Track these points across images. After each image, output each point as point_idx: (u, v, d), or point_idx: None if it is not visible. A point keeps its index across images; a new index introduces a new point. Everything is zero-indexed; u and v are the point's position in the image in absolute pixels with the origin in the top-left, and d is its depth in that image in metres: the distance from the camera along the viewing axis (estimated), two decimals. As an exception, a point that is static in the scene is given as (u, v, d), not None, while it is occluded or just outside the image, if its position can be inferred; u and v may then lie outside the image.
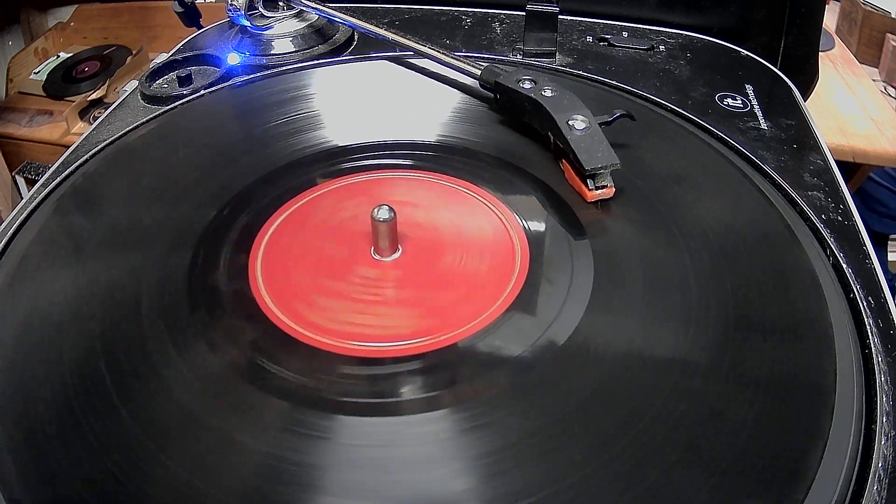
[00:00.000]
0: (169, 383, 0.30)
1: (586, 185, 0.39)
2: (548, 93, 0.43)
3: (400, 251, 0.37)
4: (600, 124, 0.41)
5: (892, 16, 1.21)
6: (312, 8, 0.57)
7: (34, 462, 0.28)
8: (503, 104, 0.46)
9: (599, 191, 0.39)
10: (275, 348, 0.32)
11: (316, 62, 0.55)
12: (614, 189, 0.39)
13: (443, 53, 0.50)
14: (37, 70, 1.27)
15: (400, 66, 0.54)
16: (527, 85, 0.44)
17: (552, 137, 0.42)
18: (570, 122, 0.41)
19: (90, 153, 0.45)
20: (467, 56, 0.51)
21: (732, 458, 0.27)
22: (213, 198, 0.41)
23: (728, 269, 0.35)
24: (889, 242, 1.15)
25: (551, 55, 0.56)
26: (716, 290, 0.34)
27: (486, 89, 0.48)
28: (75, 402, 0.30)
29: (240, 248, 0.38)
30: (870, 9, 1.23)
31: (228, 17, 0.57)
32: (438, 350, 0.32)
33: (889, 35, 1.19)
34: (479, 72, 0.48)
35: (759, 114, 0.50)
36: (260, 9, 0.57)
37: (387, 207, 0.35)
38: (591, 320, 0.33)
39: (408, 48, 0.52)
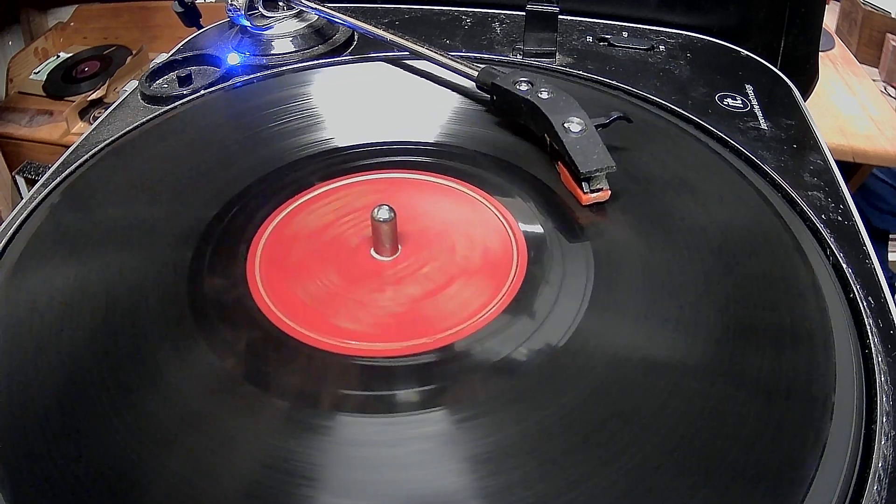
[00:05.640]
0: (168, 383, 0.30)
1: (581, 188, 0.39)
2: (544, 95, 0.43)
3: (400, 251, 0.37)
4: (597, 127, 0.41)
5: (892, 16, 1.21)
6: (312, 8, 0.57)
7: (33, 462, 0.28)
8: (500, 106, 0.46)
9: (595, 194, 0.39)
10: (274, 348, 0.32)
11: (316, 62, 0.55)
12: (610, 192, 0.39)
13: (441, 55, 0.50)
14: (37, 70, 1.27)
15: (399, 67, 0.54)
16: (523, 87, 0.44)
17: (548, 140, 0.42)
18: (565, 125, 0.41)
19: (90, 153, 0.45)
20: (467, 56, 0.51)
21: (732, 458, 0.27)
22: (213, 198, 0.41)
23: (727, 269, 0.35)
24: (889, 242, 1.15)
25: (551, 55, 0.56)
26: (715, 291, 0.34)
27: (483, 91, 0.48)
28: (75, 402, 0.30)
29: (239, 247, 0.38)
30: (870, 9, 1.23)
31: (228, 17, 0.57)
32: (437, 350, 0.32)
33: (889, 35, 1.19)
34: (476, 73, 0.48)
35: (759, 114, 0.50)
36: (260, 9, 0.57)
37: (387, 207, 0.35)
38: (590, 321, 0.33)
39: (406, 49, 0.52)
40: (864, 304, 0.34)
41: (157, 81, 0.55)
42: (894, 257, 1.14)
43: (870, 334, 0.32)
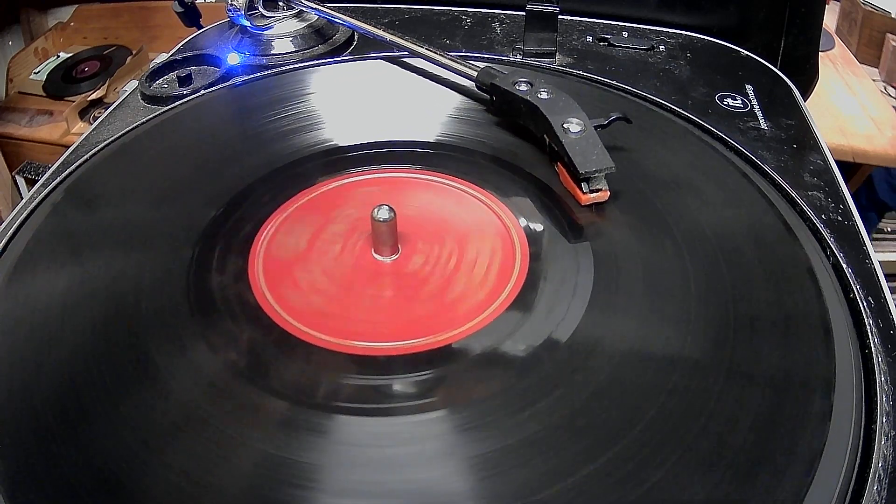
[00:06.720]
0: (168, 383, 0.30)
1: (581, 189, 0.39)
2: (544, 95, 0.43)
3: (400, 251, 0.37)
4: (596, 127, 0.41)
5: (892, 16, 1.21)
6: (312, 8, 0.57)
7: (34, 462, 0.28)
8: (499, 106, 0.46)
9: (594, 194, 0.39)
10: (274, 348, 0.32)
11: (316, 62, 0.55)
12: (609, 192, 0.39)
13: (440, 55, 0.50)
14: (37, 70, 1.27)
15: (399, 67, 0.54)
16: (523, 87, 0.44)
17: (548, 140, 0.42)
18: (565, 126, 0.41)
19: (90, 153, 0.45)
20: (467, 56, 0.51)
21: (732, 458, 0.27)
22: (213, 198, 0.41)
23: (728, 268, 0.35)
24: (885, 241, 1.15)
25: (551, 55, 0.56)
26: (716, 290, 0.34)
27: (482, 91, 0.48)
28: (75, 402, 0.30)
29: (240, 247, 0.38)
30: (870, 9, 1.22)
31: (228, 17, 0.57)
32: (438, 350, 0.32)
33: (889, 35, 1.19)
34: (476, 73, 0.47)
35: (759, 114, 0.50)
36: (260, 9, 0.57)
37: (387, 207, 0.35)
38: (590, 320, 0.33)
39: (406, 49, 0.52)
40: (864, 304, 0.34)
41: (157, 81, 0.55)
42: (886, 257, 1.14)
43: (870, 334, 0.32)
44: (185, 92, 0.52)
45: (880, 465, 0.27)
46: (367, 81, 0.53)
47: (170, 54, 0.60)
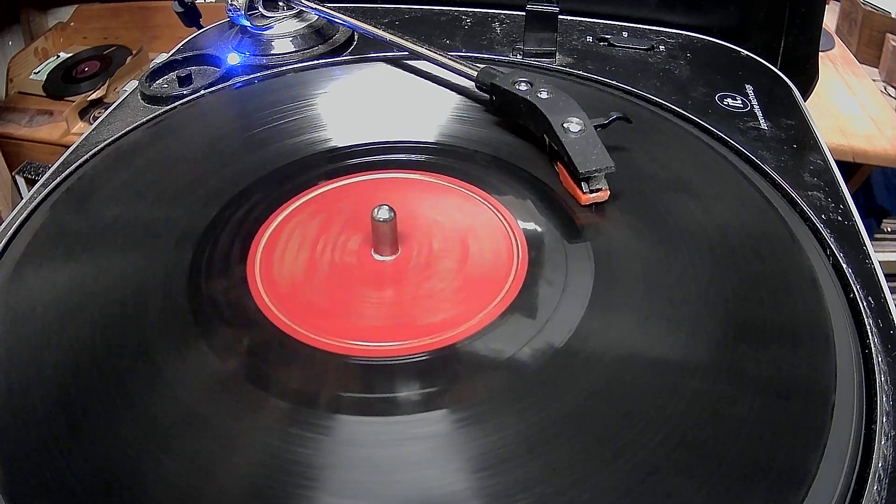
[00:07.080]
0: (168, 383, 0.30)
1: (581, 188, 0.39)
2: (544, 95, 0.43)
3: (400, 251, 0.37)
4: (596, 127, 0.41)
5: (892, 16, 1.21)
6: (312, 8, 0.57)
7: (33, 462, 0.28)
8: (499, 106, 0.46)
9: (594, 194, 0.39)
10: (274, 348, 0.32)
11: (316, 62, 0.55)
12: (609, 192, 0.39)
13: (440, 55, 0.50)
14: (37, 70, 1.27)
15: (399, 67, 0.54)
16: (523, 87, 0.44)
17: (548, 140, 0.42)
18: (564, 125, 0.41)
19: (90, 153, 0.45)
20: (467, 56, 0.51)
21: (732, 458, 0.27)
22: (214, 198, 0.41)
23: (728, 269, 0.35)
24: (885, 241, 1.15)
25: (551, 55, 0.56)
26: (715, 291, 0.34)
27: (482, 91, 0.48)
28: (75, 402, 0.30)
29: (239, 248, 0.38)
30: (870, 9, 1.22)
31: (228, 17, 0.57)
32: (438, 350, 0.32)
33: (889, 35, 1.19)
34: (475, 73, 0.47)
35: (759, 114, 0.50)
36: (260, 9, 0.57)
37: (387, 207, 0.35)
38: (590, 321, 0.33)
39: (406, 49, 0.52)
40: (864, 304, 0.34)
41: (157, 81, 0.55)
42: (886, 257, 1.14)
43: (870, 334, 0.32)
44: (185, 92, 0.52)
45: (880, 465, 0.27)
46: (367, 81, 0.53)
47: (170, 54, 0.60)
